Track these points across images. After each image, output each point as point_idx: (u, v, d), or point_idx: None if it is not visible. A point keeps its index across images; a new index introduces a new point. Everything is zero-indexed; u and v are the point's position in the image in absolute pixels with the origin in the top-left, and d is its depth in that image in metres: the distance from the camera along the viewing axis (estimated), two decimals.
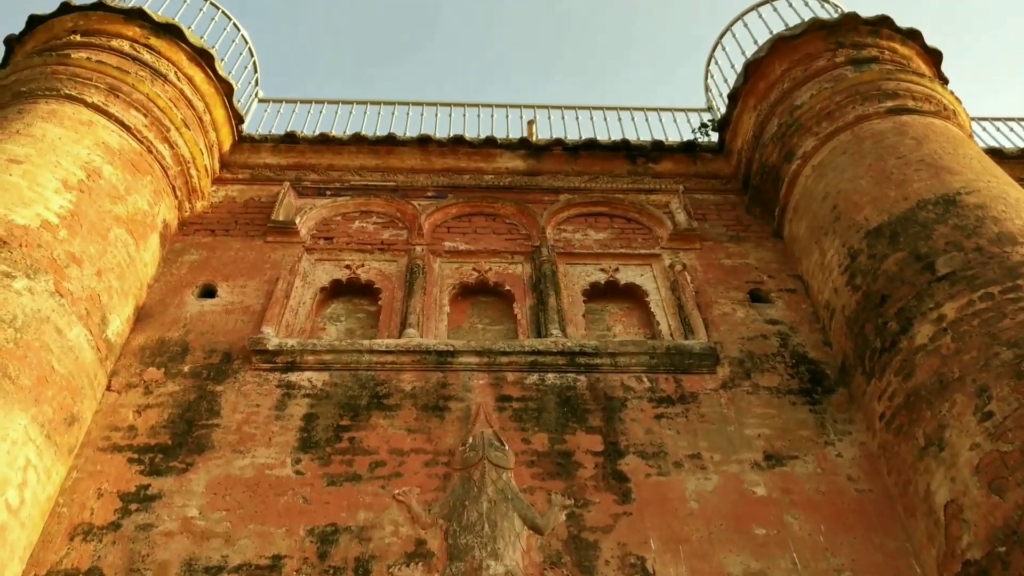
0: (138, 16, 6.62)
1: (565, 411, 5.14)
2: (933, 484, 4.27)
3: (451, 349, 5.47)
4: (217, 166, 7.13)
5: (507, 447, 4.87)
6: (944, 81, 6.92)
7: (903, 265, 5.02)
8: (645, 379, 5.38)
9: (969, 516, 3.97)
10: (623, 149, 7.41)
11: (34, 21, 6.68)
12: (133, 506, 4.53)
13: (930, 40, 6.91)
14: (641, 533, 4.48)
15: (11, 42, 6.72)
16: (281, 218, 6.63)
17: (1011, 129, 8.54)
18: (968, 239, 4.88)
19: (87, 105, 5.98)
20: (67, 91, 5.98)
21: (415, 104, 8.30)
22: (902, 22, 6.90)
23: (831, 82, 6.45)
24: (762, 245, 6.67)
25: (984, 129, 8.47)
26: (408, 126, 7.96)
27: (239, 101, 7.33)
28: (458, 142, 7.38)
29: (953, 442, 4.20)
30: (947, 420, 4.28)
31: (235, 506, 4.55)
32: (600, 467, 4.81)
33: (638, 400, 5.23)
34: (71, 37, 6.45)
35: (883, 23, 6.86)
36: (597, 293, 6.25)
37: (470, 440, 4.89)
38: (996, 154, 7.26)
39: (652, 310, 6.04)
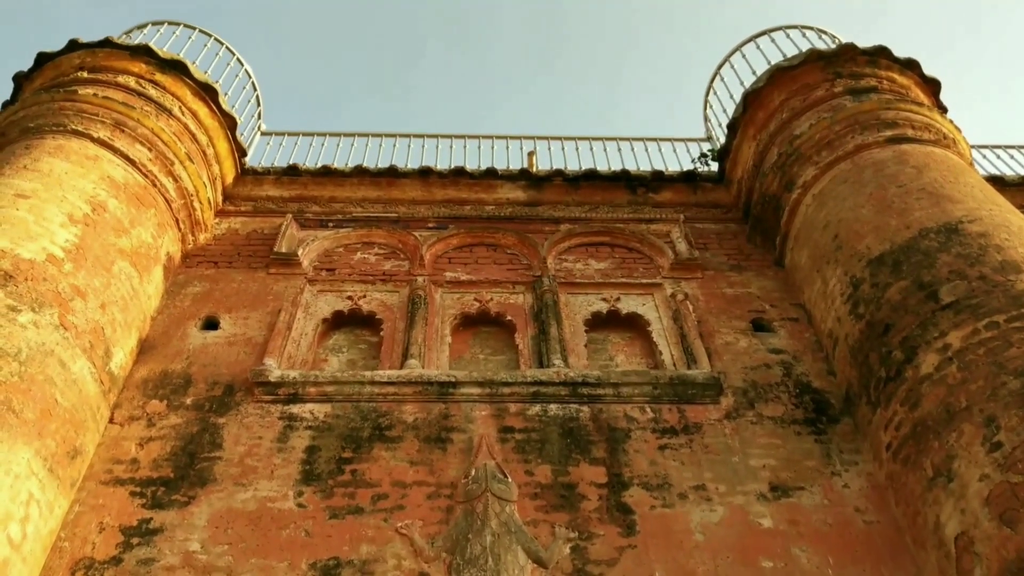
0: (144, 52, 6.73)
1: (568, 442, 5.11)
2: (943, 516, 4.22)
3: (453, 380, 5.46)
4: (220, 199, 7.18)
5: (510, 479, 4.83)
6: (943, 110, 6.96)
7: (906, 294, 5.01)
8: (648, 409, 5.35)
9: (981, 549, 3.92)
10: (623, 179, 7.46)
11: (42, 59, 6.78)
12: (135, 540, 4.50)
13: (928, 69, 6.97)
14: (646, 566, 4.43)
15: (19, 79, 6.82)
16: (283, 250, 6.66)
17: (1011, 157, 8.57)
18: (972, 268, 4.88)
19: (93, 140, 6.05)
20: (74, 126, 6.06)
21: (416, 136, 8.37)
22: (900, 52, 6.97)
23: (830, 112, 6.50)
24: (763, 274, 6.68)
25: (984, 157, 8.50)
26: (409, 158, 7.98)
27: (242, 134, 7.42)
28: (459, 173, 7.43)
29: (962, 473, 4.15)
30: (955, 450, 4.24)
31: (237, 540, 4.52)
32: (604, 499, 4.78)
33: (641, 431, 5.20)
34: (78, 74, 6.55)
35: (881, 53, 6.92)
36: (599, 323, 6.24)
37: (473, 472, 4.86)
38: (997, 182, 7.28)
39: (654, 340, 6.03)
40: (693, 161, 8.15)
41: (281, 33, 22.09)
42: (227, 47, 7.99)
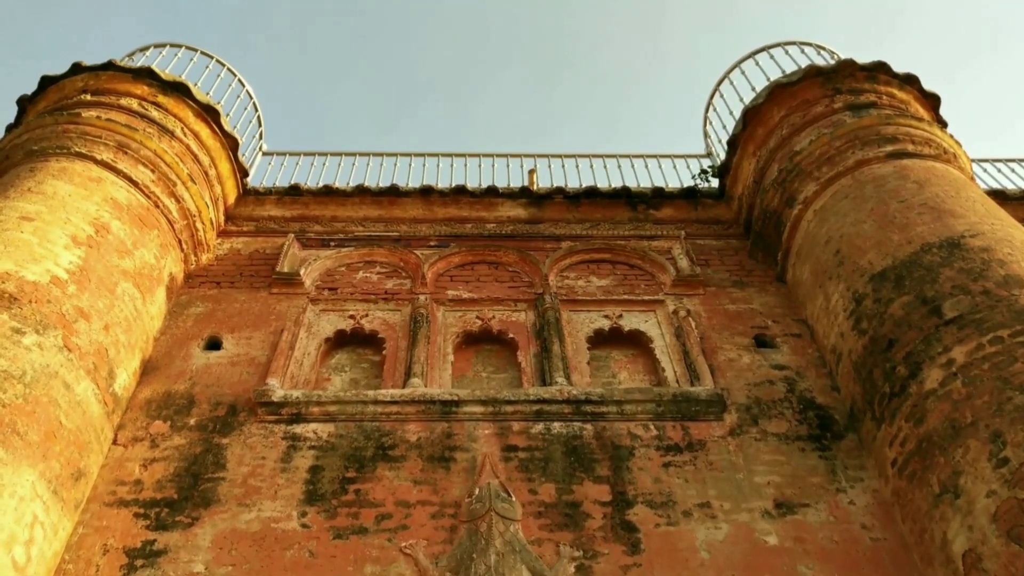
0: (146, 75, 6.78)
1: (572, 460, 5.10)
2: (950, 532, 4.20)
3: (456, 399, 5.45)
4: (222, 219, 7.21)
5: (514, 498, 4.82)
6: (943, 124, 6.97)
7: (909, 309, 5.01)
8: (652, 427, 5.34)
9: (989, 566, 3.89)
10: (624, 196, 7.48)
11: (46, 82, 6.83)
12: (139, 562, 4.49)
13: (928, 84, 7.01)
14: None
15: (23, 102, 6.87)
16: (286, 269, 6.67)
17: (1012, 170, 8.57)
18: (975, 282, 4.87)
19: (96, 162, 6.08)
20: (77, 149, 6.10)
21: (417, 155, 8.40)
22: (899, 66, 7.00)
23: (830, 128, 6.52)
24: (765, 290, 6.68)
25: (985, 171, 8.51)
26: (411, 177, 8.02)
27: (244, 155, 7.46)
28: (460, 192, 7.46)
29: (969, 489, 4.14)
30: (961, 466, 4.22)
31: (241, 561, 4.50)
32: (608, 517, 4.76)
33: (645, 448, 5.19)
34: (82, 96, 6.60)
35: (880, 69, 6.95)
36: (601, 340, 6.24)
37: (476, 491, 4.85)
38: (998, 196, 7.28)
39: (657, 356, 6.02)
40: (693, 177, 8.18)
41: (282, 54, 22.26)
42: (228, 68, 8.05)
